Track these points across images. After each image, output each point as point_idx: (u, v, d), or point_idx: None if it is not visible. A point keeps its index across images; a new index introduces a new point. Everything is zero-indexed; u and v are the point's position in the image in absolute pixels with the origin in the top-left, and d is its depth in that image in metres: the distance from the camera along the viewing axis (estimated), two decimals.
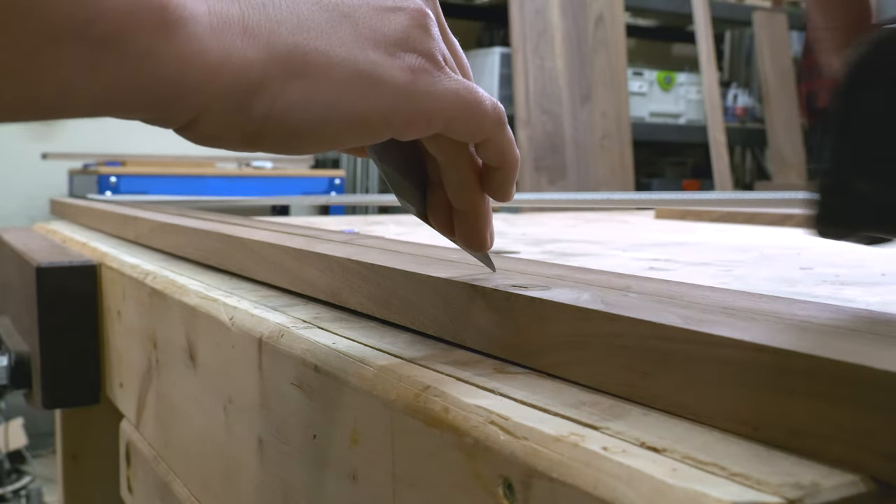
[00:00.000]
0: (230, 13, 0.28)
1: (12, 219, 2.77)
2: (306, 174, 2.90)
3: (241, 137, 0.30)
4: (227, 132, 0.30)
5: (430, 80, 0.32)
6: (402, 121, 0.31)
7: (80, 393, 0.75)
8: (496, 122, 0.34)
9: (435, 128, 0.32)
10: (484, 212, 0.36)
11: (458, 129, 0.33)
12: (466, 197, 0.36)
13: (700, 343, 0.25)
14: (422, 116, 0.31)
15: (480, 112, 0.33)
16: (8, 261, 0.91)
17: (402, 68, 0.31)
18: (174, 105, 0.28)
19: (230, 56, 0.28)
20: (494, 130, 0.34)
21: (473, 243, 0.37)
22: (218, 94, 0.28)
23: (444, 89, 0.32)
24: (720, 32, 3.84)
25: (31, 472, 2.34)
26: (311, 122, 0.30)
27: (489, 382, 0.30)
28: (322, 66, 0.30)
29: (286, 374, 0.39)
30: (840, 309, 0.29)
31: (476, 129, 0.33)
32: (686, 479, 0.20)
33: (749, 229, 1.02)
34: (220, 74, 0.28)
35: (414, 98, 0.31)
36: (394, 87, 0.31)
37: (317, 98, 0.30)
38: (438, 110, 0.32)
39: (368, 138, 0.32)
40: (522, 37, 2.76)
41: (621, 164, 2.94)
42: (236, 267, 0.57)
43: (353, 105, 0.30)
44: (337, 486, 0.34)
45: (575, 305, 0.29)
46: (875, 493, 0.20)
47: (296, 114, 0.30)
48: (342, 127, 0.30)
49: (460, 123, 0.33)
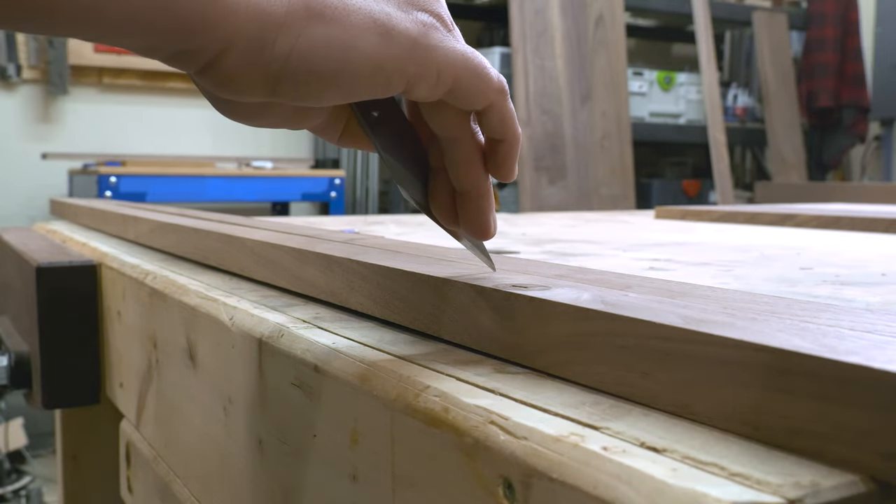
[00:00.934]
0: None
1: (12, 219, 2.77)
2: (306, 174, 2.90)
3: (264, 78, 0.31)
4: (249, 70, 0.30)
5: (441, 36, 0.33)
6: (414, 71, 0.32)
7: (80, 393, 0.75)
8: (500, 89, 0.35)
9: (444, 86, 0.33)
10: (487, 192, 0.37)
11: (463, 91, 0.34)
12: (469, 175, 0.36)
13: (700, 343, 0.25)
14: (433, 69, 0.33)
15: (486, 75, 0.34)
16: (8, 261, 0.91)
17: (414, 21, 0.33)
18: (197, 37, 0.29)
19: None
20: (498, 97, 0.35)
21: (477, 228, 0.37)
22: (241, 27, 0.29)
23: (453, 48, 0.33)
24: (720, 32, 3.84)
25: (31, 472, 2.34)
26: (331, 63, 0.31)
27: (489, 382, 0.30)
28: (341, 11, 0.31)
29: (286, 374, 0.39)
30: (839, 308, 0.29)
31: (481, 93, 0.34)
32: (686, 479, 0.20)
33: (749, 229, 1.02)
34: (245, 8, 0.29)
35: (426, 50, 0.32)
36: (407, 37, 0.32)
37: (335, 40, 0.31)
38: (447, 66, 0.33)
39: (382, 86, 0.32)
40: (522, 37, 2.76)
41: (621, 164, 2.94)
42: (236, 267, 0.57)
43: (369, 49, 0.31)
44: (337, 486, 0.34)
45: (575, 305, 0.29)
46: (875, 493, 0.20)
47: (317, 53, 0.31)
48: (359, 70, 0.31)
49: (466, 84, 0.34)
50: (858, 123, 3.78)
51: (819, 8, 3.78)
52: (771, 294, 0.33)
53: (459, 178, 0.36)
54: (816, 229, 1.02)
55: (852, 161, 4.08)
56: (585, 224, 1.14)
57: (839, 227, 1.02)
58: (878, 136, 3.92)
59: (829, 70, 3.73)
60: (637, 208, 2.90)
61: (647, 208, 2.15)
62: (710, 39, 3.22)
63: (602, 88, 2.92)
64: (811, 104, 3.78)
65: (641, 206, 3.07)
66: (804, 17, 3.84)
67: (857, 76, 3.76)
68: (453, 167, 0.36)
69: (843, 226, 1.02)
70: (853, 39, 3.79)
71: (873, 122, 3.85)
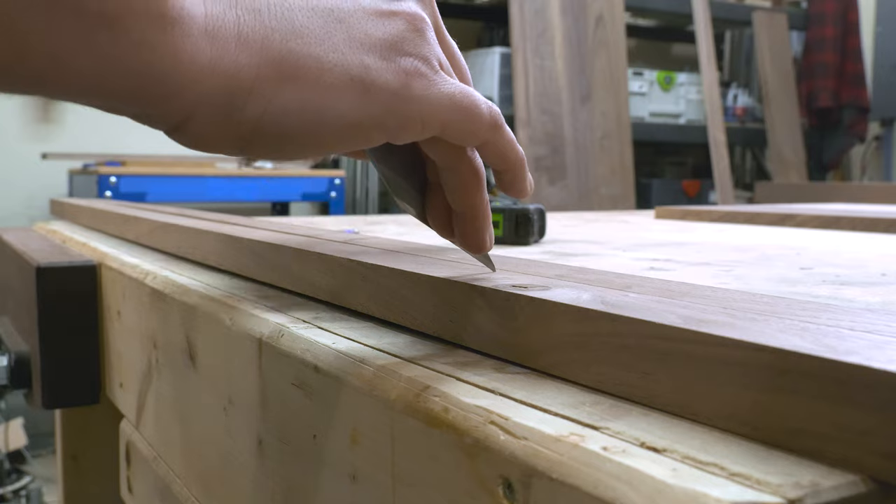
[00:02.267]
0: (226, 18, 0.29)
1: (12, 219, 2.77)
2: (306, 174, 2.90)
3: (234, 140, 0.30)
4: (218, 134, 0.30)
5: (425, 83, 0.32)
6: (395, 125, 0.31)
7: (80, 393, 0.75)
8: (492, 125, 0.34)
9: (431, 131, 0.32)
10: (483, 213, 0.36)
11: (453, 134, 0.33)
12: (465, 200, 0.36)
13: (700, 343, 0.25)
14: (416, 120, 0.31)
15: (476, 116, 0.33)
16: (8, 261, 0.91)
17: (395, 72, 0.31)
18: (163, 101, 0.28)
19: (222, 58, 0.28)
20: (491, 134, 0.34)
21: (472, 245, 0.37)
22: (206, 95, 0.28)
23: (439, 93, 0.32)
24: (720, 32, 3.84)
25: (31, 472, 2.34)
26: (303, 126, 0.30)
27: (489, 382, 0.30)
28: (315, 71, 0.30)
29: (286, 374, 0.39)
30: (838, 309, 0.29)
31: (472, 134, 0.33)
32: (686, 479, 0.20)
33: (749, 229, 1.02)
34: (210, 75, 0.28)
35: (408, 102, 0.31)
36: (387, 91, 0.31)
37: (310, 102, 0.30)
38: (433, 114, 0.32)
39: (362, 142, 0.32)
40: (522, 37, 2.76)
41: (621, 164, 2.94)
42: (236, 267, 0.57)
43: (345, 109, 0.30)
44: (337, 486, 0.34)
45: (575, 305, 0.29)
46: (875, 493, 0.20)
47: (289, 117, 0.30)
48: (335, 131, 0.30)
49: (455, 127, 0.33)
50: (858, 123, 3.78)
51: (819, 8, 3.78)
52: (771, 294, 0.33)
53: (456, 202, 0.36)
54: (816, 229, 1.02)
55: (852, 161, 4.08)
56: (585, 224, 1.14)
57: (839, 227, 1.02)
58: (878, 136, 3.92)
59: (829, 70, 3.73)
60: (637, 208, 2.90)
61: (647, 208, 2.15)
62: (710, 39, 3.22)
63: (602, 88, 2.92)
64: (811, 104, 3.78)
65: (641, 206, 3.07)
66: (804, 17, 3.84)
67: (857, 76, 3.76)
68: (450, 192, 0.36)
69: (843, 226, 1.02)
70: (853, 39, 3.79)
71: (873, 122, 3.85)
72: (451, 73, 0.34)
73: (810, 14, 3.82)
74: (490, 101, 0.34)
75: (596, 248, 0.77)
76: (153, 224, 0.76)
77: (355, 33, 0.31)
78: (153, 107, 0.28)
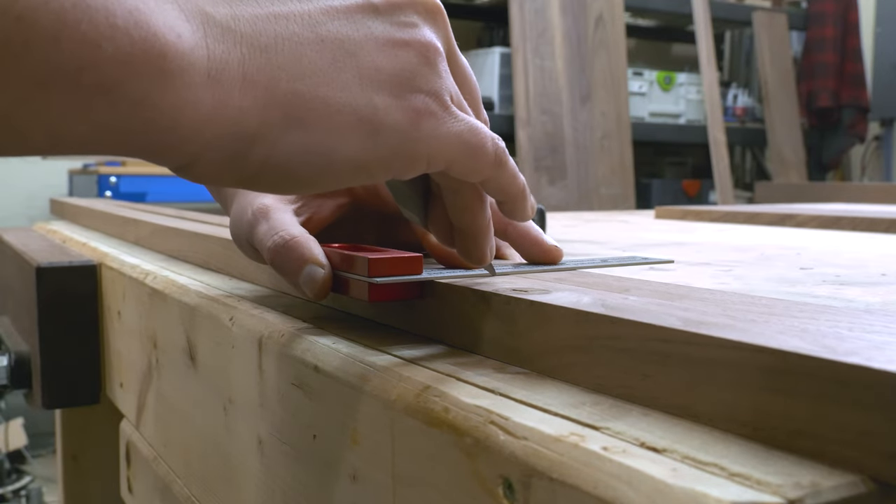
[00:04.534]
0: (230, 59, 0.28)
1: (12, 219, 2.77)
2: None
3: (238, 181, 0.30)
4: (222, 176, 0.30)
5: (434, 123, 0.31)
6: (401, 164, 0.31)
7: (80, 393, 0.75)
8: (496, 163, 0.33)
9: (436, 168, 0.32)
10: (484, 230, 0.36)
11: (458, 170, 0.33)
12: (466, 220, 0.35)
13: (700, 345, 0.25)
14: (422, 159, 0.31)
15: (482, 155, 0.33)
16: (8, 261, 0.91)
17: (405, 110, 0.31)
18: (167, 151, 0.28)
19: (226, 105, 0.28)
20: (494, 171, 0.34)
21: (473, 258, 0.36)
22: (212, 141, 0.28)
23: (447, 132, 0.31)
24: (720, 32, 3.84)
25: (31, 472, 2.34)
26: (308, 168, 0.30)
27: (489, 382, 0.30)
28: (322, 114, 0.29)
29: (286, 374, 0.39)
30: (838, 309, 0.29)
31: (475, 172, 0.33)
32: (686, 479, 0.20)
33: (749, 229, 1.02)
34: (214, 123, 0.28)
35: (416, 142, 0.31)
36: (395, 133, 0.30)
37: (316, 146, 0.29)
38: (439, 153, 0.31)
39: (366, 180, 0.31)
40: (522, 37, 2.76)
41: (621, 164, 2.94)
42: (237, 272, 0.57)
43: (352, 152, 0.30)
44: (337, 486, 0.35)
45: (575, 309, 0.29)
46: (875, 493, 0.20)
47: (294, 160, 0.29)
48: (340, 172, 0.30)
49: (461, 165, 0.32)
50: (858, 123, 3.78)
51: (819, 8, 3.78)
52: (771, 294, 0.33)
53: (457, 220, 0.36)
54: (816, 229, 1.02)
55: (852, 161, 4.08)
56: (585, 224, 1.14)
57: (839, 227, 1.02)
58: (878, 136, 3.92)
59: (829, 70, 3.73)
60: (637, 208, 2.90)
61: (647, 208, 2.15)
62: (710, 39, 3.22)
63: (602, 88, 2.92)
64: (811, 104, 3.78)
65: (641, 206, 3.07)
66: (804, 17, 3.84)
67: (857, 76, 3.76)
68: (452, 210, 0.36)
69: (843, 226, 1.02)
70: (853, 39, 3.79)
71: (873, 122, 3.84)
72: (462, 103, 0.34)
73: (810, 14, 3.82)
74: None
75: (596, 248, 0.77)
76: (153, 227, 0.76)
77: (365, 68, 0.30)
78: (156, 156, 0.28)
